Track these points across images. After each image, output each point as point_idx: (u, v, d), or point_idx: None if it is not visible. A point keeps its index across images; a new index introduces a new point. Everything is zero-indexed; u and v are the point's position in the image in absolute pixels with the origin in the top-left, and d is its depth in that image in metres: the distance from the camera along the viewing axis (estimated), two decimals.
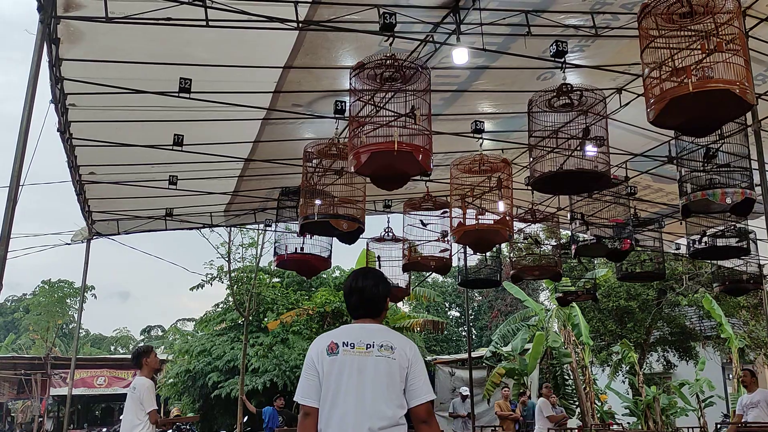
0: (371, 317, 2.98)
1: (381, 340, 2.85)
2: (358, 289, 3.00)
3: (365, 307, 2.98)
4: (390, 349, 2.82)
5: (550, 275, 8.73)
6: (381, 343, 2.83)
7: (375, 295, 2.99)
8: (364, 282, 3.01)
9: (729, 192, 5.71)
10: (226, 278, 17.45)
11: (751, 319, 18.02)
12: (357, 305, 2.99)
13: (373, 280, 3.03)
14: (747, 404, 8.67)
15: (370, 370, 2.77)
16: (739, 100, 3.68)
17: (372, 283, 3.01)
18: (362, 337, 2.86)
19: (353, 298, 3.01)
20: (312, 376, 2.81)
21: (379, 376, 2.77)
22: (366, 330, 2.91)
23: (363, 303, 2.98)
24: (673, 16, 4.04)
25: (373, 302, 2.98)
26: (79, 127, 6.73)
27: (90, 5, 4.77)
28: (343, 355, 2.80)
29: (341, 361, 2.79)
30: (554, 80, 6.31)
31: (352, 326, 2.97)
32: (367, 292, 2.98)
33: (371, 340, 2.84)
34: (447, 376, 20.27)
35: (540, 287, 29.79)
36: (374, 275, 3.09)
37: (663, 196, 9.84)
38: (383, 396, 2.76)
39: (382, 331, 2.93)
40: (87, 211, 9.27)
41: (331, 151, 6.27)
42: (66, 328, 38.22)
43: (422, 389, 2.84)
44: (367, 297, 2.98)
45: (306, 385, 2.82)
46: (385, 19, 4.69)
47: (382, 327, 2.97)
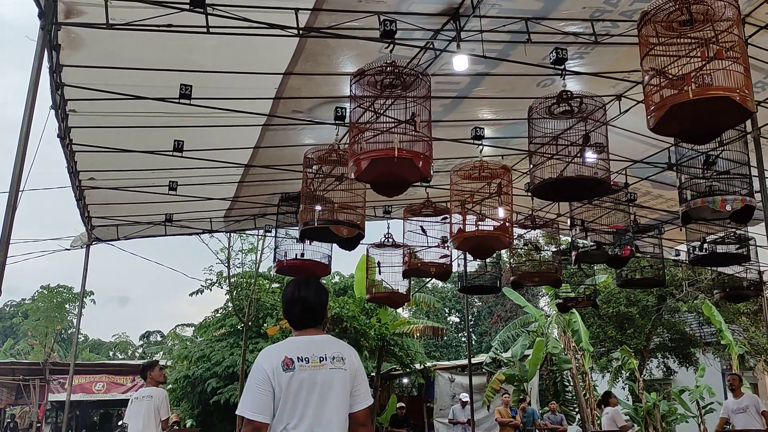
0: (315, 327, 2.99)
1: (332, 352, 2.89)
2: (301, 299, 2.99)
3: (309, 317, 2.98)
4: (341, 360, 2.88)
5: (550, 281, 8.73)
6: (333, 356, 2.87)
7: (317, 305, 3.00)
8: (306, 292, 3.01)
9: (729, 199, 5.71)
10: (225, 284, 17.43)
11: (751, 325, 18.02)
12: (301, 315, 2.99)
13: (315, 289, 3.03)
14: (734, 409, 8.75)
15: (326, 383, 2.81)
16: (739, 107, 3.69)
17: (314, 292, 3.01)
18: (314, 350, 2.87)
19: (297, 308, 2.99)
20: (266, 391, 2.75)
21: (334, 389, 2.82)
22: (316, 343, 2.92)
23: (306, 313, 2.98)
24: (673, 23, 4.05)
25: (316, 311, 2.99)
26: (79, 133, 6.74)
27: (91, 12, 4.78)
28: (299, 370, 2.79)
29: (298, 376, 2.78)
30: (554, 87, 6.33)
31: (302, 339, 2.95)
32: (310, 302, 2.99)
33: (323, 352, 2.87)
34: (447, 382, 20.23)
35: (540, 293, 29.77)
36: (315, 285, 3.08)
37: (663, 202, 9.85)
38: (339, 407, 2.83)
39: (330, 342, 2.96)
40: (86, 217, 9.27)
41: (331, 158, 6.28)
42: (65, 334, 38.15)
43: (365, 395, 2.94)
44: (309, 306, 2.98)
45: (258, 401, 2.74)
46: (386, 27, 4.70)
47: (329, 338, 3.00)
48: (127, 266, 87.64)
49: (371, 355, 17.51)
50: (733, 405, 8.82)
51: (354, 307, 15.45)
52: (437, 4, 5.29)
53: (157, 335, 46.72)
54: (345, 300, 15.90)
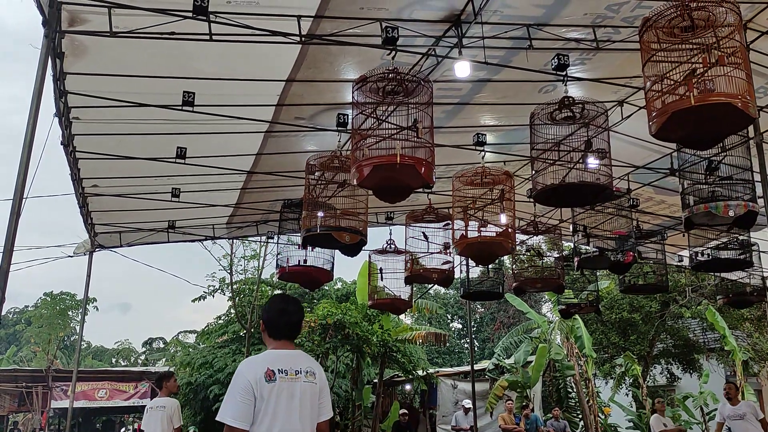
0: (291, 340, 3.21)
1: (305, 366, 3.12)
2: (283, 312, 3.19)
3: (291, 330, 3.20)
4: (313, 374, 3.13)
5: (552, 287, 8.71)
6: (306, 370, 3.11)
7: (299, 320, 3.24)
8: (292, 307, 3.24)
9: (732, 205, 5.70)
10: (228, 290, 17.43)
11: (755, 331, 17.95)
12: (285, 328, 3.18)
13: (297, 306, 3.27)
14: (731, 415, 8.79)
15: (300, 394, 3.03)
16: (741, 113, 3.69)
17: (297, 308, 3.25)
18: (291, 363, 3.07)
19: (283, 319, 3.18)
20: (248, 400, 2.91)
21: (306, 400, 3.06)
22: (292, 357, 3.13)
23: (290, 326, 3.19)
24: (675, 29, 4.06)
25: (297, 327, 3.23)
26: (82, 140, 6.76)
27: (94, 20, 4.81)
28: (280, 381, 2.98)
29: (279, 387, 2.97)
30: (556, 93, 6.34)
31: (281, 352, 3.14)
32: (293, 317, 3.21)
33: (298, 366, 3.09)
34: (449, 388, 20.17)
35: (542, 299, 29.71)
36: (297, 302, 3.31)
37: (665, 208, 9.84)
38: (308, 417, 3.07)
39: (303, 357, 3.20)
40: (90, 224, 9.29)
41: (333, 164, 6.28)
42: (67, 341, 38.15)
43: (328, 407, 3.22)
44: (293, 321, 3.21)
45: (241, 408, 2.90)
46: (388, 33, 4.72)
47: (302, 353, 3.25)
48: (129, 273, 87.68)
49: (374, 361, 17.48)
50: (730, 411, 8.84)
51: (356, 313, 15.43)
52: (439, 11, 5.31)
53: (159, 342, 46.67)
54: (347, 306, 15.87)
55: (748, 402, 9.19)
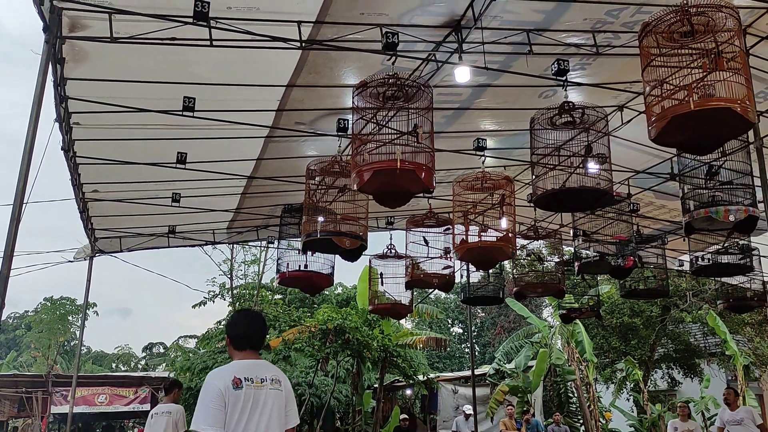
0: (256, 351, 3.39)
1: (271, 374, 3.29)
2: (249, 324, 3.42)
3: (257, 341, 3.40)
4: (278, 382, 3.29)
5: (553, 292, 8.70)
6: (271, 378, 3.27)
7: (262, 332, 3.44)
8: (253, 319, 3.47)
9: (732, 209, 5.70)
10: (228, 295, 17.42)
11: (756, 336, 17.92)
12: (252, 338, 3.38)
13: (260, 320, 3.48)
14: (730, 420, 8.81)
15: (265, 401, 3.19)
16: (741, 118, 3.69)
17: (260, 322, 3.46)
18: (257, 372, 3.25)
19: (244, 332, 3.38)
20: (219, 406, 3.06)
21: (272, 407, 3.20)
22: (259, 366, 3.30)
23: (251, 338, 3.38)
24: (674, 34, 4.06)
25: (261, 338, 3.43)
26: (82, 146, 6.77)
27: (95, 26, 4.82)
28: (246, 389, 3.15)
29: (246, 394, 3.13)
30: (556, 98, 6.35)
31: (246, 362, 3.31)
32: (257, 329, 3.42)
33: (264, 375, 3.26)
34: (450, 393, 20.13)
35: (543, 304, 29.68)
36: (260, 316, 3.53)
37: (666, 212, 9.84)
38: (274, 423, 3.21)
39: (269, 366, 3.37)
40: (90, 229, 9.29)
41: (333, 169, 6.28)
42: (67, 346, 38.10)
43: (295, 415, 3.37)
44: (257, 333, 3.41)
45: (215, 415, 3.05)
46: (388, 39, 4.73)
47: (267, 362, 3.43)
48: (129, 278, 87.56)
49: (374, 366, 17.46)
50: (728, 416, 8.87)
51: (356, 318, 15.42)
52: (439, 17, 5.32)
53: (159, 347, 46.58)
54: (348, 311, 15.86)
55: (747, 408, 9.21)
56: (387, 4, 5.07)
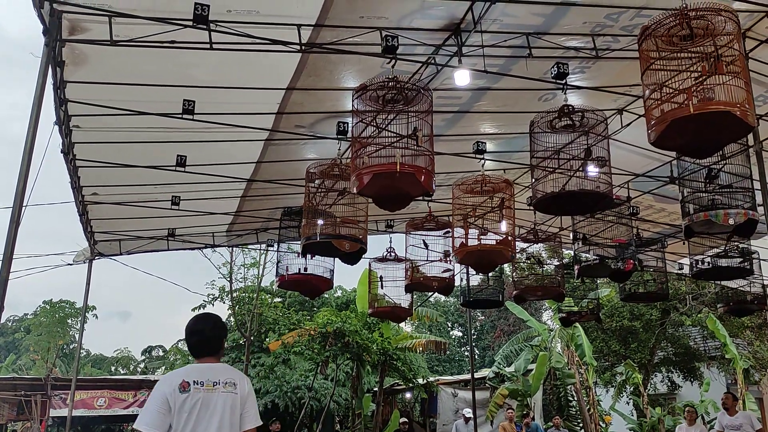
0: (212, 356, 3.39)
1: (225, 378, 3.30)
2: (198, 332, 3.40)
3: (205, 347, 3.39)
4: (233, 385, 3.29)
5: (552, 295, 8.69)
6: (225, 381, 3.28)
7: (213, 337, 3.41)
8: (203, 324, 3.43)
9: (732, 213, 5.70)
10: (227, 298, 17.40)
11: (756, 339, 17.91)
12: (198, 346, 3.40)
13: (211, 323, 3.45)
14: (729, 426, 8.83)
15: (217, 404, 3.21)
16: (740, 122, 3.69)
17: (210, 326, 3.43)
18: (209, 375, 3.26)
19: (194, 339, 3.40)
20: (164, 409, 3.12)
21: (224, 409, 3.22)
22: (212, 369, 3.31)
23: (203, 344, 3.39)
24: (674, 38, 4.07)
25: (212, 343, 3.40)
26: (82, 149, 6.76)
27: (95, 29, 4.82)
28: (194, 392, 3.18)
29: (193, 397, 3.17)
30: (555, 101, 6.35)
31: (199, 366, 3.35)
32: (206, 334, 3.40)
33: (217, 378, 3.27)
34: (450, 397, 20.11)
35: (543, 307, 29.67)
36: (212, 319, 3.49)
37: (665, 216, 9.84)
38: (226, 425, 3.22)
39: (224, 369, 3.37)
40: (89, 232, 9.28)
41: (333, 172, 6.28)
42: (67, 349, 38.04)
43: (253, 417, 3.34)
44: (206, 338, 3.39)
45: (155, 417, 3.11)
46: (387, 42, 4.73)
47: (225, 366, 3.42)
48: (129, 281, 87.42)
49: (374, 369, 17.44)
50: (727, 421, 8.88)
51: (356, 321, 15.41)
52: (439, 20, 5.33)
53: (159, 350, 46.51)
54: (347, 314, 15.85)
55: (746, 413, 9.22)
56: (387, 8, 5.08)
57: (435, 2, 5.10)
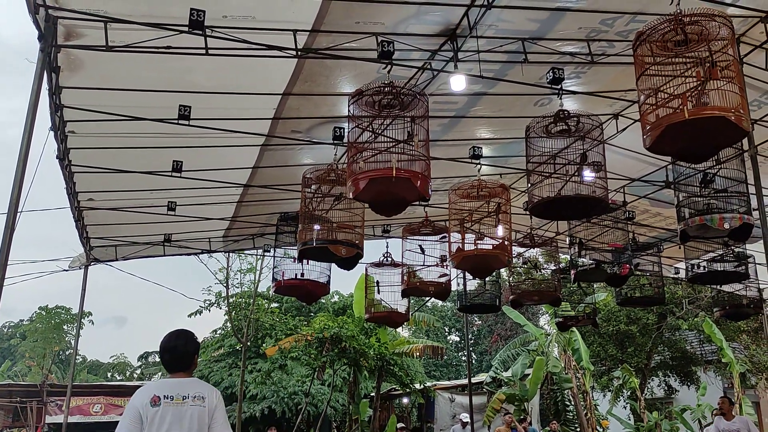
0: (184, 371, 3.56)
1: (194, 391, 3.46)
2: (171, 348, 3.57)
3: (177, 363, 3.56)
4: (201, 398, 3.45)
5: (549, 300, 8.70)
6: (194, 395, 3.45)
7: (185, 353, 3.57)
8: (176, 342, 3.59)
9: (727, 217, 5.71)
10: (224, 304, 17.37)
11: (752, 343, 17.93)
12: (171, 362, 3.57)
13: (184, 340, 3.61)
14: (725, 430, 8.85)
15: (186, 417, 3.37)
16: (735, 127, 3.70)
17: (182, 342, 3.59)
18: (179, 390, 3.44)
19: (167, 355, 3.58)
20: (136, 423, 3.30)
21: (192, 422, 3.38)
22: (182, 384, 3.49)
23: (175, 360, 3.56)
24: (668, 43, 4.08)
25: (183, 359, 3.56)
26: (78, 154, 6.75)
27: (90, 34, 4.82)
28: (164, 406, 3.35)
29: (163, 411, 3.34)
30: (551, 106, 6.36)
31: (171, 380, 3.53)
32: (179, 350, 3.56)
33: (186, 392, 3.44)
34: (447, 402, 20.09)
35: (540, 311, 29.66)
36: (185, 336, 3.64)
37: (661, 220, 9.85)
38: None
39: (194, 383, 3.54)
40: (85, 238, 9.26)
41: (329, 177, 6.28)
42: (63, 355, 37.89)
43: (221, 427, 3.49)
44: (178, 355, 3.56)
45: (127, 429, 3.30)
46: (384, 47, 4.73)
47: (195, 380, 3.59)
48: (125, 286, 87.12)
49: (371, 375, 17.40)
50: (724, 426, 8.87)
51: (353, 326, 15.38)
52: (434, 25, 5.34)
53: (155, 356, 46.33)
54: (344, 320, 15.82)
55: (742, 417, 9.22)
56: (383, 13, 5.09)
57: (431, 8, 5.11)
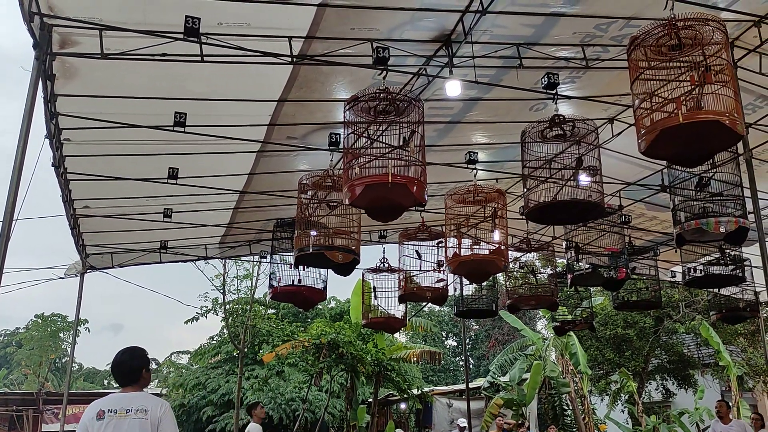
0: (132, 385, 3.80)
1: (137, 405, 3.67)
2: (118, 364, 3.83)
3: (126, 378, 3.80)
4: (144, 411, 3.65)
5: (546, 304, 8.69)
6: (137, 408, 3.66)
7: (131, 368, 3.81)
8: (122, 357, 3.85)
9: (722, 221, 5.72)
10: (220, 310, 17.32)
11: (749, 346, 17.94)
12: (119, 377, 3.83)
13: (129, 355, 3.86)
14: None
15: (124, 429, 3.59)
16: (729, 130, 3.71)
17: (128, 358, 3.84)
18: (123, 404, 3.67)
19: (116, 371, 3.85)
20: None
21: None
22: (127, 398, 3.73)
23: (123, 375, 3.81)
24: (662, 48, 4.09)
25: (130, 374, 3.81)
26: (73, 162, 6.74)
27: (86, 42, 4.82)
28: (108, 419, 3.60)
29: (106, 424, 3.58)
30: (547, 111, 6.38)
31: (118, 395, 3.79)
32: (125, 366, 3.81)
33: (130, 405, 3.66)
34: (444, 407, 20.06)
35: (537, 316, 29.65)
36: (130, 352, 3.89)
37: (657, 224, 9.88)
38: None
39: (139, 397, 3.75)
40: (81, 245, 9.23)
41: (325, 183, 6.27)
42: (59, 363, 37.72)
43: None
44: (125, 370, 3.81)
45: None
46: (379, 53, 4.74)
47: (141, 393, 3.80)
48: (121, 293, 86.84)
49: (368, 380, 17.36)
50: (721, 429, 8.88)
51: (350, 332, 15.35)
52: (429, 31, 5.36)
53: (152, 363, 46.15)
54: (341, 325, 15.80)
55: (740, 421, 9.22)
56: (377, 19, 5.10)
57: (425, 14, 5.13)
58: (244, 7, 4.78)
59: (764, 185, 7.62)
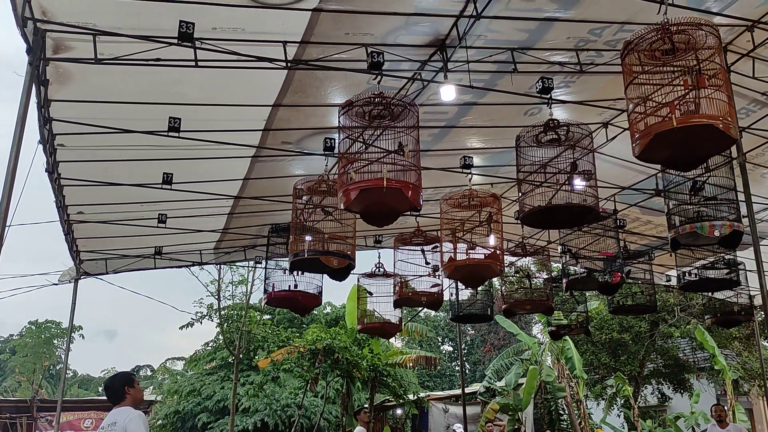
0: (117, 404, 4.45)
1: (112, 419, 4.32)
2: (106, 387, 4.57)
3: (111, 397, 4.50)
4: (114, 424, 4.27)
5: (542, 309, 8.69)
6: (112, 422, 4.30)
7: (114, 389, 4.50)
8: (109, 382, 4.60)
9: (717, 225, 5.73)
10: (215, 316, 17.27)
11: (744, 350, 17.99)
12: (108, 398, 4.53)
13: (111, 380, 4.62)
14: None
15: None
16: (723, 134, 3.72)
17: (110, 381, 4.59)
18: (107, 420, 4.36)
19: (106, 394, 4.56)
20: None
21: None
22: (111, 414, 4.41)
23: (109, 395, 4.52)
24: (656, 52, 4.11)
25: (114, 394, 4.48)
26: (67, 167, 6.71)
27: (79, 47, 4.81)
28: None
29: None
30: (541, 116, 6.39)
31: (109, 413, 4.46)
32: (110, 389, 4.53)
33: (111, 420, 4.33)
34: (440, 412, 20.01)
35: (532, 320, 29.65)
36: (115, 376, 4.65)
37: (652, 228, 9.90)
38: None
39: (119, 412, 4.36)
40: (75, 251, 9.19)
41: (320, 188, 6.27)
42: (53, 369, 37.53)
43: None
44: (110, 393, 4.52)
45: None
46: (373, 58, 4.75)
47: (120, 409, 4.40)
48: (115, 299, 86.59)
49: (364, 386, 17.33)
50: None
51: (346, 337, 15.32)
52: (424, 36, 5.36)
53: (146, 369, 45.97)
54: (336, 331, 15.76)
55: (737, 425, 9.24)
56: (372, 24, 5.11)
57: (420, 18, 5.13)
58: (239, 12, 4.77)
59: (758, 189, 7.66)
